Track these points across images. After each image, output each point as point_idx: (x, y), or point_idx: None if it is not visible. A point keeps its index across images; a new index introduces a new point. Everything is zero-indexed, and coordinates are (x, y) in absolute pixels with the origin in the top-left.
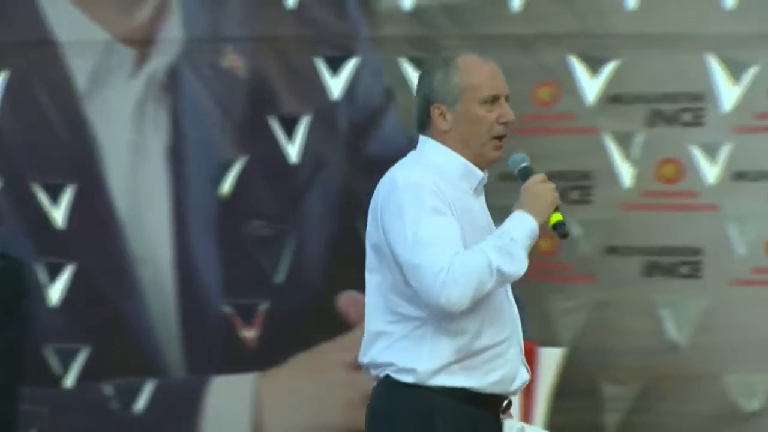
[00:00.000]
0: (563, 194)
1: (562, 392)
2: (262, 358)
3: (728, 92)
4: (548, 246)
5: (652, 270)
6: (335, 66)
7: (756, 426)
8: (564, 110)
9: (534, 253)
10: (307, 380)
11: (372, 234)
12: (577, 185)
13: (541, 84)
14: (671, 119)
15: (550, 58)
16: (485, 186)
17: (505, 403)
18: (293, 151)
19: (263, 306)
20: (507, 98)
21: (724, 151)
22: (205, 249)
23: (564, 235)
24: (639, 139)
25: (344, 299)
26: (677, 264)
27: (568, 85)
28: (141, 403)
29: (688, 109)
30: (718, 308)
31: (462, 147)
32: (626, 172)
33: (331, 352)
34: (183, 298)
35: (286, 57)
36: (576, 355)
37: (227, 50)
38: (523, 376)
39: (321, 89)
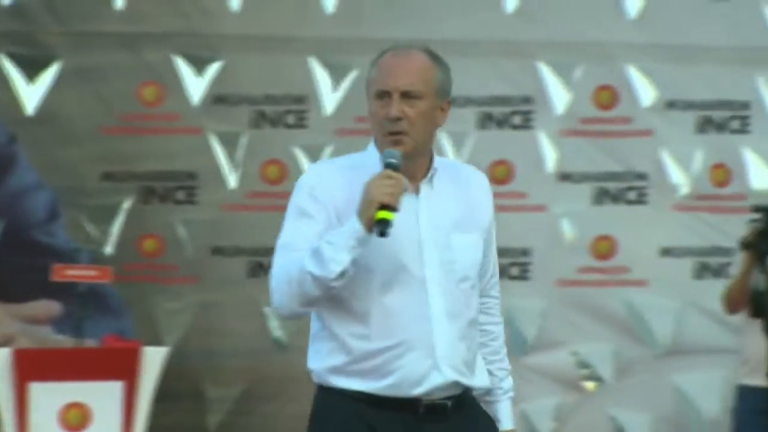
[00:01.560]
0: (168, 195)
1: (166, 394)
2: None
3: (330, 95)
4: (153, 247)
5: (257, 270)
6: None
7: None
8: (169, 110)
9: (138, 254)
10: None
11: None
12: (182, 186)
13: (146, 83)
14: (275, 121)
15: (154, 58)
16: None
17: (424, 407)
18: None
19: None
20: (405, 94)
21: (326, 153)
22: None
23: (381, 234)
24: (244, 140)
25: None
26: None
27: (173, 84)
28: None
29: (291, 111)
30: None
31: (375, 142)
32: (231, 173)
33: None
34: None
35: None
36: (180, 356)
37: None
38: (434, 380)
39: None
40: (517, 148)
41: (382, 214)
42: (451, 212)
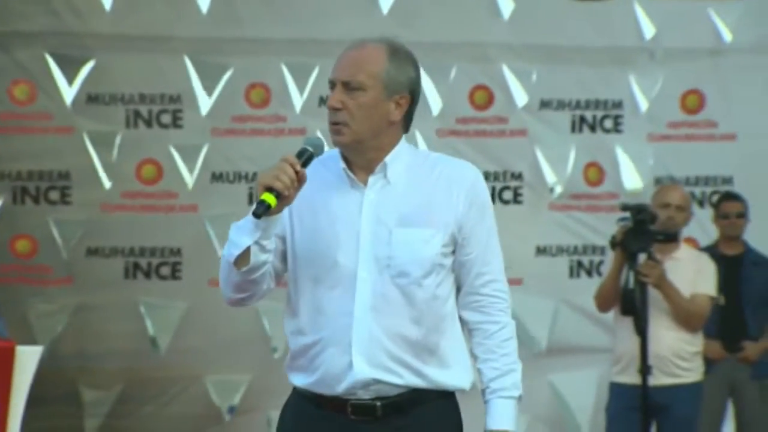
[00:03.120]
0: (41, 195)
1: (40, 398)
2: None
3: (205, 95)
4: (26, 248)
5: (134, 271)
6: None
7: (234, 424)
8: (41, 109)
9: (11, 255)
10: None
11: None
12: (55, 185)
13: (17, 82)
14: (150, 120)
15: (25, 56)
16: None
17: (351, 407)
18: None
19: None
20: (346, 84)
21: (203, 153)
22: None
23: (254, 214)
24: (118, 139)
25: None
26: (158, 265)
27: (45, 83)
28: None
29: (166, 110)
30: (198, 309)
31: None
32: (106, 173)
33: None
34: None
35: None
36: (55, 359)
37: None
38: (352, 378)
39: None
40: None
41: (264, 196)
42: (400, 206)
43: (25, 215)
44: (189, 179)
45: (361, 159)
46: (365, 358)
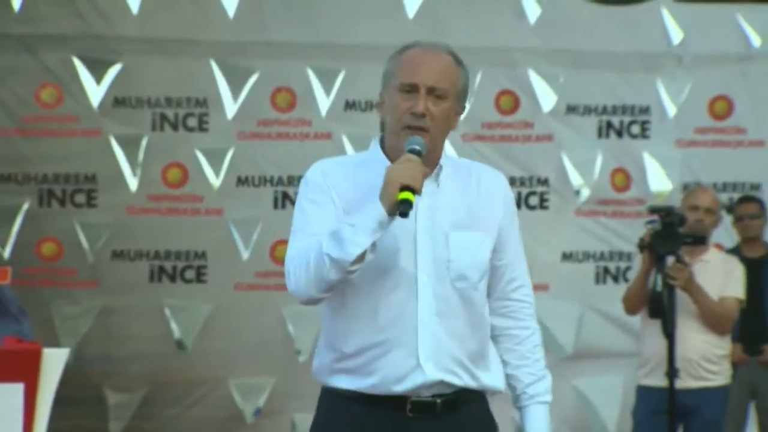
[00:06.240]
0: (67, 197)
1: (65, 399)
2: None
3: (231, 98)
4: (52, 251)
5: (159, 274)
6: None
7: (259, 427)
8: (68, 112)
9: (37, 258)
10: None
11: None
12: (81, 188)
13: (44, 85)
14: (176, 124)
15: (53, 60)
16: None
17: (411, 404)
18: None
19: None
20: (432, 90)
21: (228, 157)
22: None
23: (402, 214)
24: (144, 142)
25: None
26: (183, 268)
27: (71, 87)
28: None
29: (192, 114)
30: (223, 312)
31: (388, 135)
32: (132, 176)
33: None
34: None
35: None
36: (80, 362)
37: None
38: (416, 379)
39: None
40: None
41: (404, 195)
42: (453, 210)
43: (51, 218)
44: (214, 183)
45: (425, 164)
46: (433, 361)
